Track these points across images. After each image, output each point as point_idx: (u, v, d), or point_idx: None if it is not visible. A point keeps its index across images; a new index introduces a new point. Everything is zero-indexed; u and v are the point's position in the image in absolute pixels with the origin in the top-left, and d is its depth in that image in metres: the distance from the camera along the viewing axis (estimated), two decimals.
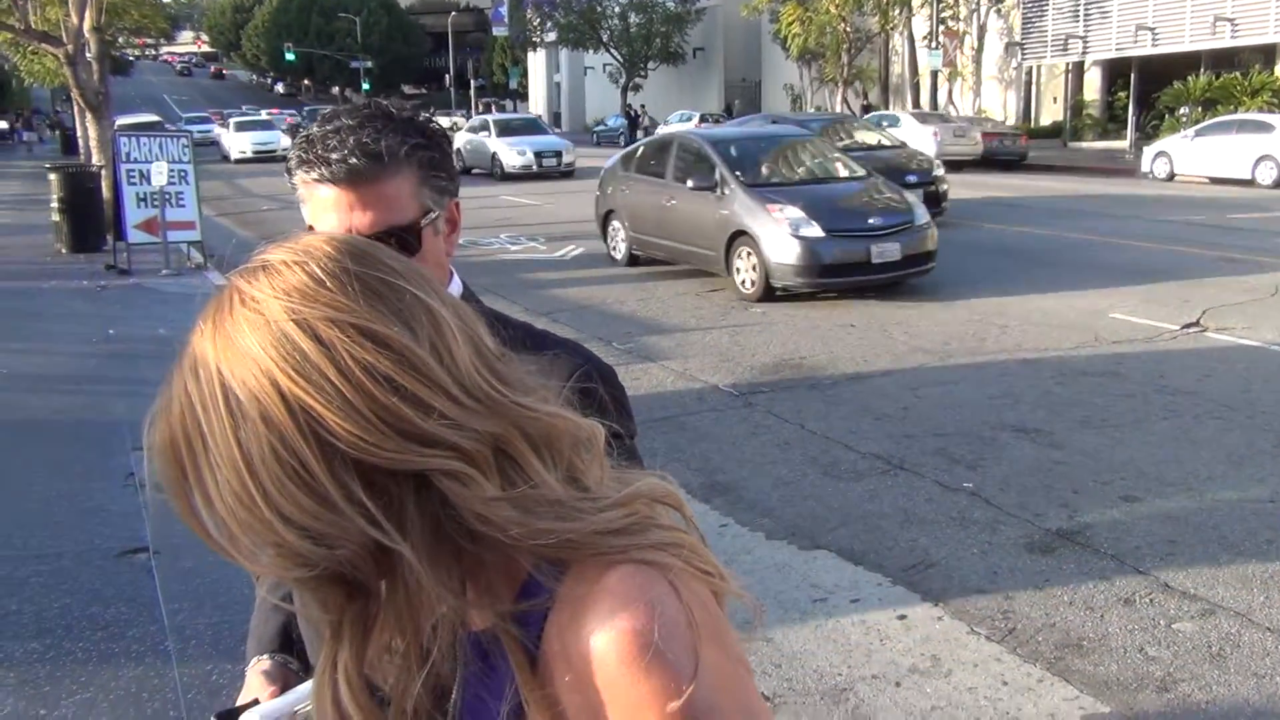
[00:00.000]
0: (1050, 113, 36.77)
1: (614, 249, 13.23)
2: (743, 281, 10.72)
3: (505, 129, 29.53)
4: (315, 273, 0.82)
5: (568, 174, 27.65)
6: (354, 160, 1.37)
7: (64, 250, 14.11)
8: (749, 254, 10.64)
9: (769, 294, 10.42)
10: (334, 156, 1.38)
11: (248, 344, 0.80)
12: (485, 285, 11.11)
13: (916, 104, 36.95)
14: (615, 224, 13.10)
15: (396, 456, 0.79)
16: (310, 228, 1.42)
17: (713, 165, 11.45)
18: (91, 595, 4.44)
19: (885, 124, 25.44)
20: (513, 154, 27.80)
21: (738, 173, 11.29)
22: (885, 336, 8.95)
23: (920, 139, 23.89)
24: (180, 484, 0.84)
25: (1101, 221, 16.00)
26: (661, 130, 40.32)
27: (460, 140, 29.40)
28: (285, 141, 36.68)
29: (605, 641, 0.79)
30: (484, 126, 30.13)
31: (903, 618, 4.26)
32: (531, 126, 31.18)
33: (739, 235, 10.74)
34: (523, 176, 27.30)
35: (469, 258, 14.00)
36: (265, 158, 35.29)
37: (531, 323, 1.63)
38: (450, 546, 0.82)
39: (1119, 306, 9.87)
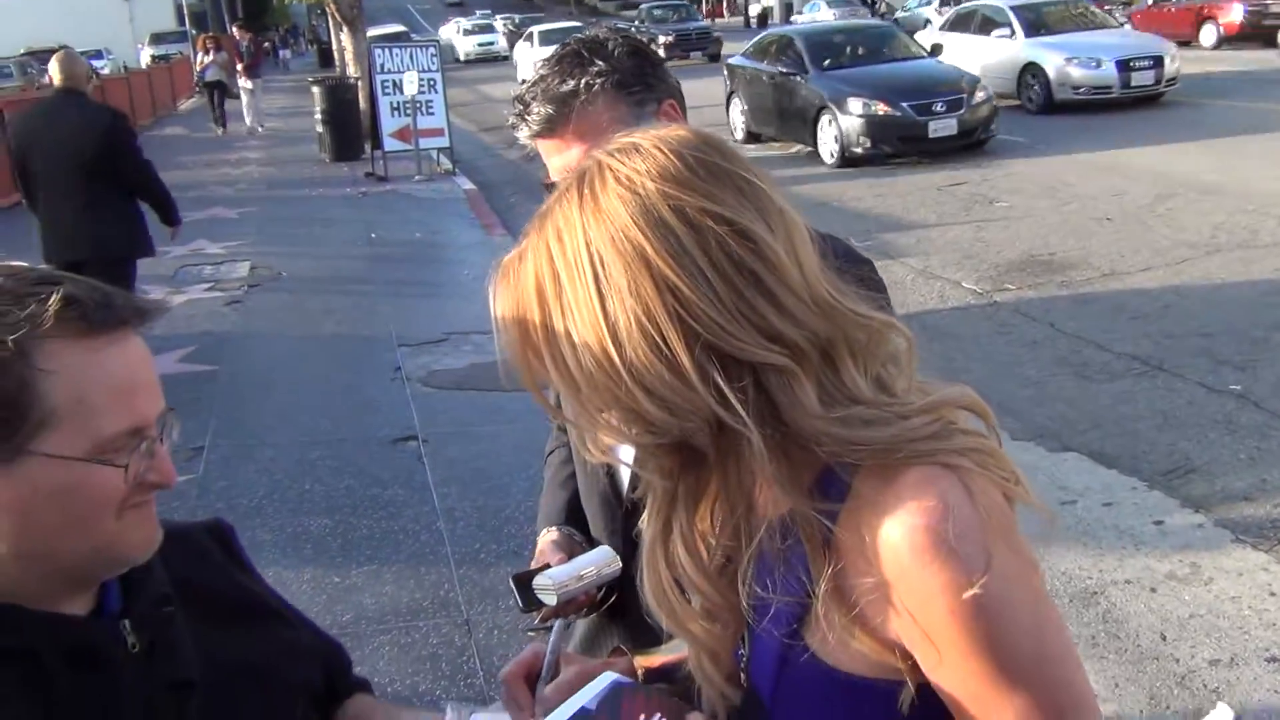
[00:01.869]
0: None
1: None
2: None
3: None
4: (689, 160, 0.86)
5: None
6: (547, 109, 1.51)
7: (327, 159, 15.08)
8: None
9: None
10: (533, 110, 1.52)
11: (622, 219, 0.84)
12: None
13: None
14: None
15: (746, 347, 0.84)
16: (546, 178, 1.54)
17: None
18: (371, 478, 4.87)
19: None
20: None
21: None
22: (1144, 229, 8.40)
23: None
24: (527, 339, 0.90)
25: None
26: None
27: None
28: (503, 43, 39.63)
29: (900, 535, 0.83)
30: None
31: (1159, 523, 4.11)
32: None
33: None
34: None
35: None
36: (488, 58, 38.60)
37: None
38: (771, 435, 0.87)
39: None
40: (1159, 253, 7.66)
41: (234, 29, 22.37)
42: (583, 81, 1.51)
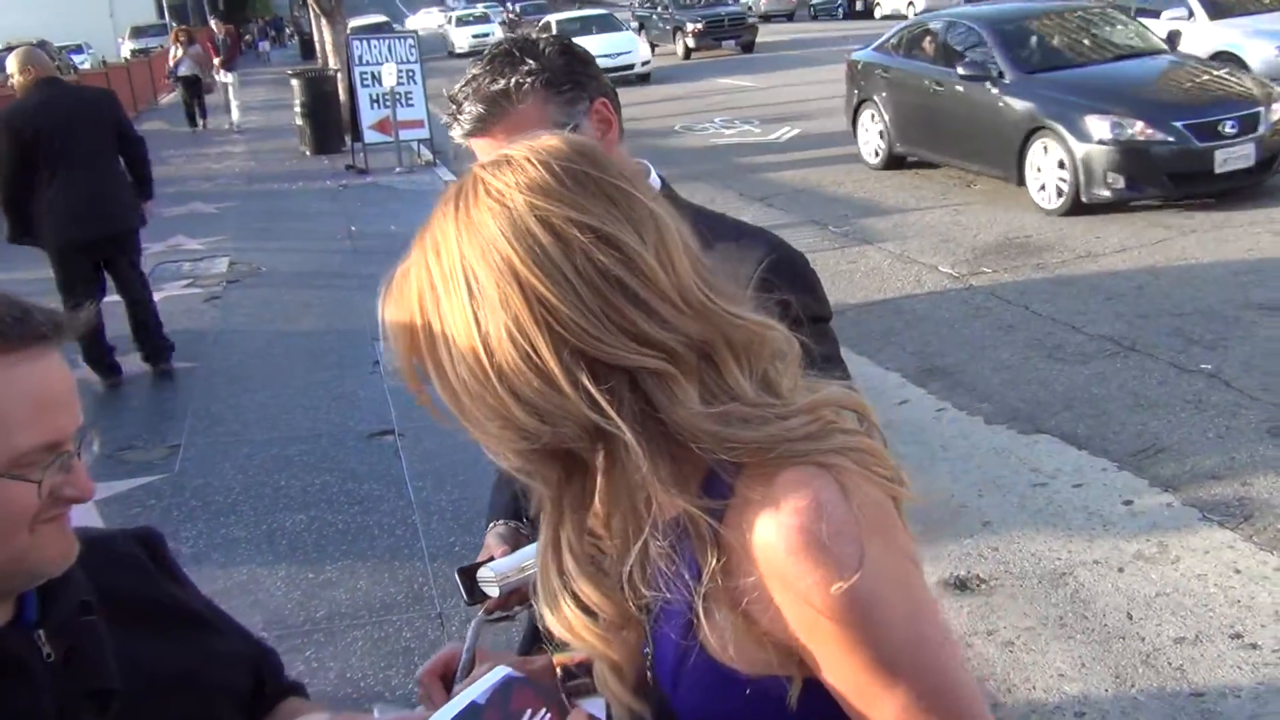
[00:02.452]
0: None
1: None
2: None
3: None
4: (557, 172, 0.89)
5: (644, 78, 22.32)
6: (478, 108, 1.52)
7: (308, 152, 15.04)
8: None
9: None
10: (464, 109, 1.54)
11: (491, 232, 0.87)
12: (699, 171, 11.15)
13: None
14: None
15: (616, 352, 0.86)
16: None
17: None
18: (347, 473, 4.89)
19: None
20: None
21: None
22: (1121, 210, 8.42)
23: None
24: (412, 353, 0.93)
25: None
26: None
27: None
28: (499, 34, 37.45)
29: (775, 534, 0.85)
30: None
31: (1129, 503, 4.15)
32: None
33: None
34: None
35: (683, 144, 14.02)
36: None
37: (730, 214, 1.69)
38: (651, 437, 0.89)
39: None
40: (1134, 234, 7.69)
41: (211, 21, 21.95)
42: (513, 80, 1.53)
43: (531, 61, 1.54)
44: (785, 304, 0.99)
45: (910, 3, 37.40)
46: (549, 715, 0.97)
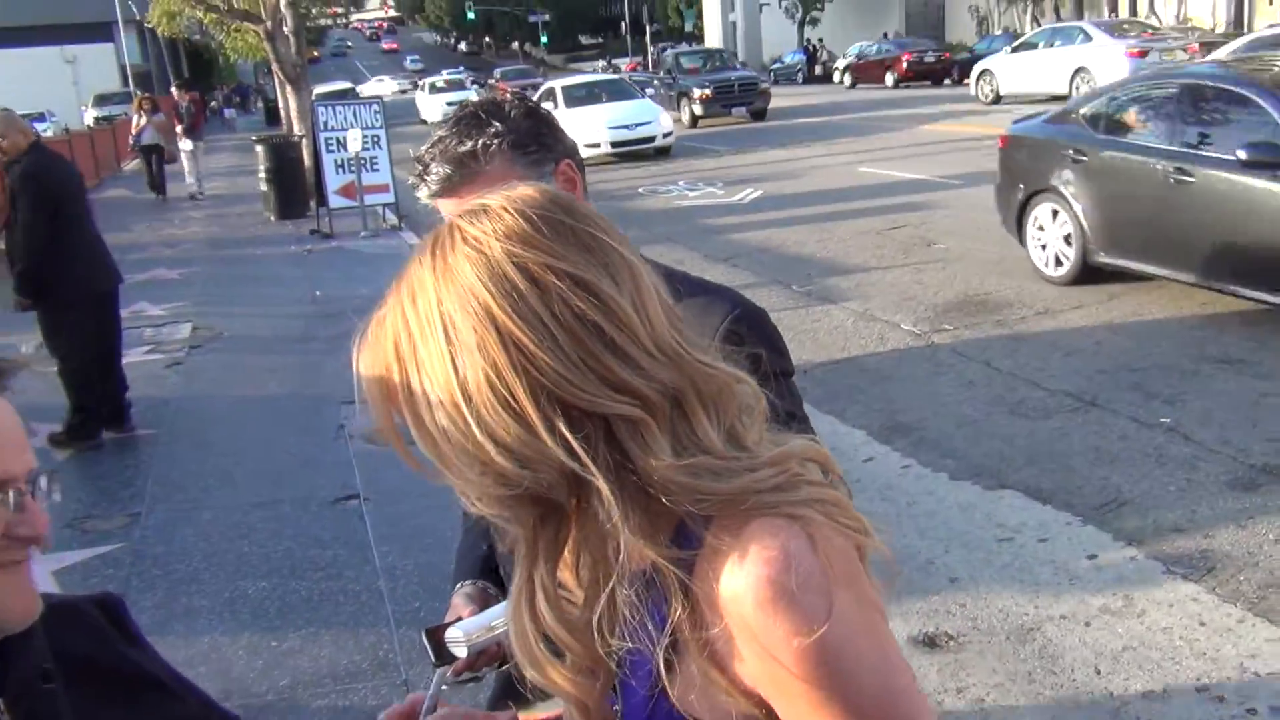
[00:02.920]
0: (1266, 16, 33.90)
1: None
2: None
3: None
4: (534, 219, 0.90)
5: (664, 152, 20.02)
6: (445, 169, 1.55)
7: (273, 218, 15.04)
8: None
9: None
10: (433, 171, 1.56)
11: (468, 279, 0.88)
12: (664, 233, 11.26)
13: (1114, 11, 34.66)
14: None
15: (592, 399, 0.87)
16: None
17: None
18: (311, 539, 4.83)
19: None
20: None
21: None
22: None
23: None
24: (389, 401, 0.93)
25: None
26: (842, 62, 38.60)
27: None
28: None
29: (744, 587, 0.85)
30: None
31: (1093, 557, 4.17)
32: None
33: None
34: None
35: (647, 206, 14.16)
36: None
37: (692, 273, 1.71)
38: (624, 486, 0.89)
39: None
40: (1090, 290, 7.82)
41: (173, 89, 21.74)
42: (480, 142, 1.56)
43: (498, 124, 1.57)
44: (755, 358, 1.01)
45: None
46: None
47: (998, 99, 23.16)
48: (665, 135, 19.98)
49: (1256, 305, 6.70)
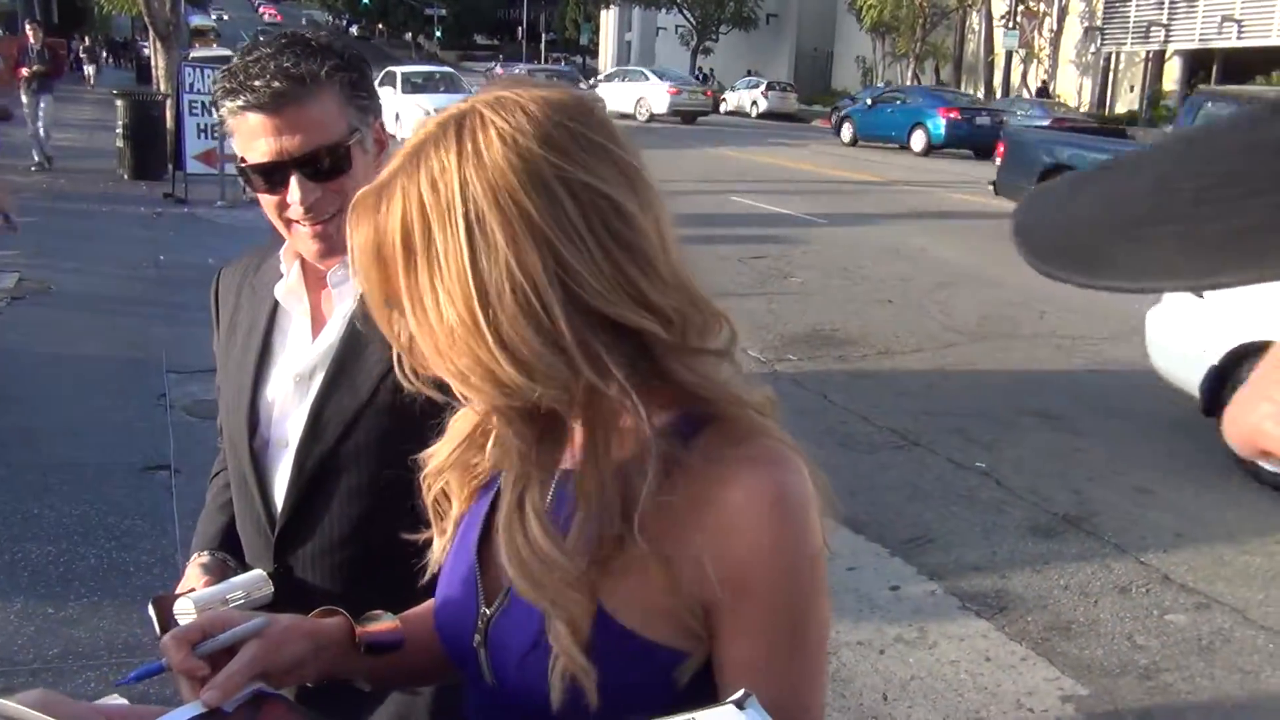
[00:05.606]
0: (1126, 102, 35.92)
1: None
2: None
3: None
4: (573, 130, 0.87)
5: None
6: (276, 84, 1.41)
7: (126, 176, 14.38)
8: None
9: None
10: (257, 83, 1.41)
11: (508, 180, 0.83)
12: None
13: (990, 84, 36.26)
14: None
15: (623, 313, 0.86)
16: (241, 159, 1.47)
17: None
18: (110, 506, 4.59)
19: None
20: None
21: None
22: (921, 314, 8.88)
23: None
24: (387, 285, 0.88)
25: None
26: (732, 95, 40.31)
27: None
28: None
29: (743, 496, 0.88)
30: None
31: (895, 588, 4.29)
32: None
33: None
34: None
35: None
36: None
37: None
38: (643, 396, 0.89)
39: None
40: (930, 336, 8.10)
41: (28, 27, 17.28)
42: (324, 69, 1.45)
43: (338, 58, 1.48)
44: None
45: (754, 101, 39.03)
46: None
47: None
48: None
49: (1079, 366, 7.03)
